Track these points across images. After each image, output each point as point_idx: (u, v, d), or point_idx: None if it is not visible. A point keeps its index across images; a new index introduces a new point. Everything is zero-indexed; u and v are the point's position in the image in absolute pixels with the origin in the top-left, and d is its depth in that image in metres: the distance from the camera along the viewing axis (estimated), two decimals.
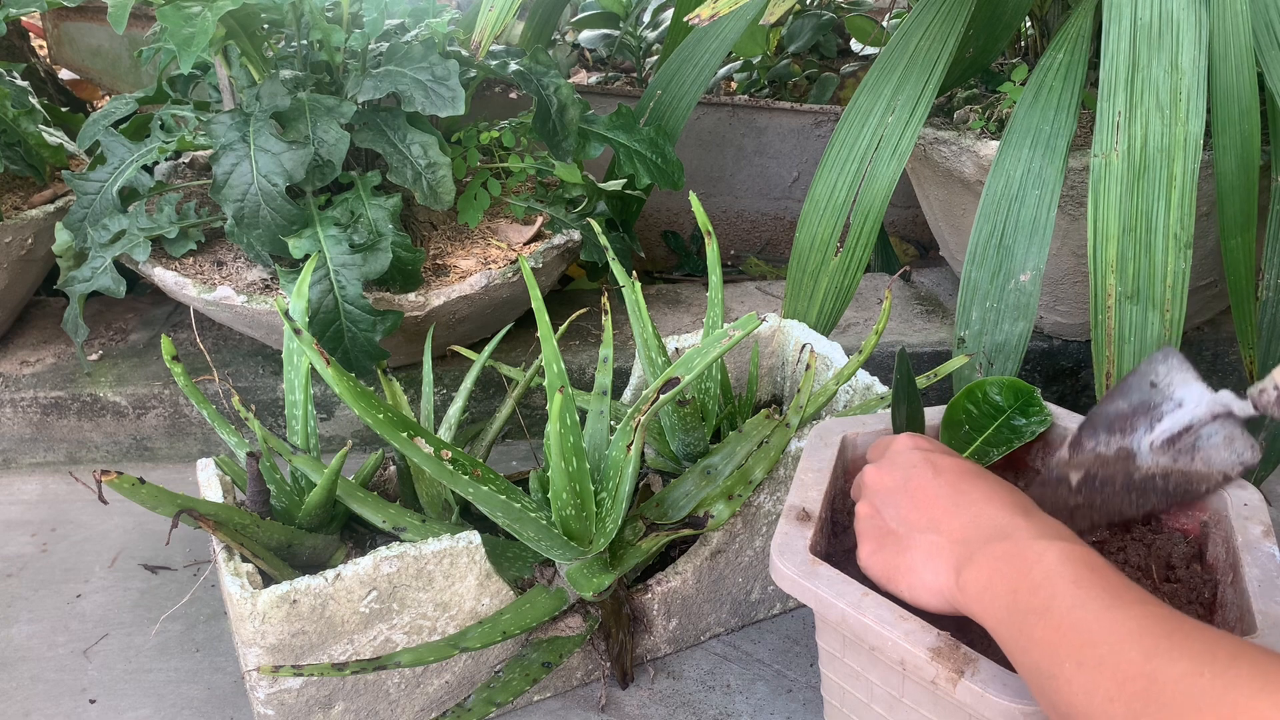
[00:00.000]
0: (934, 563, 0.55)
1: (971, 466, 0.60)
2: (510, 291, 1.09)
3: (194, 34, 0.90)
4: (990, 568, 0.52)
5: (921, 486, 0.59)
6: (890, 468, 0.61)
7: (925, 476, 0.59)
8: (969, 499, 0.56)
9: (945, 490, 0.58)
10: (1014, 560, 0.51)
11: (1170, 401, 0.66)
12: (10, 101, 1.17)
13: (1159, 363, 0.67)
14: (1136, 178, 0.85)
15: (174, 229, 1.07)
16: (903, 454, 0.62)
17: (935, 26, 1.02)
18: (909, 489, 0.59)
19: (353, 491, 0.79)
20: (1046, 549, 0.50)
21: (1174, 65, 0.85)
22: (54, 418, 1.15)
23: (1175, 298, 0.84)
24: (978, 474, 0.59)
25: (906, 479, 0.60)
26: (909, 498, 0.59)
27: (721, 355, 0.69)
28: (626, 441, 0.73)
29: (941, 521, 0.56)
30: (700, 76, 1.24)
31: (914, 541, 0.57)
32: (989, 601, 0.51)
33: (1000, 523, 0.54)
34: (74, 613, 0.93)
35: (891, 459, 0.62)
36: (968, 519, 0.55)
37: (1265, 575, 0.60)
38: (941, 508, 0.57)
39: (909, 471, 0.60)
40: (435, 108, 0.98)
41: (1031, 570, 0.49)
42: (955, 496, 0.57)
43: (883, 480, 0.61)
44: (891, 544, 0.58)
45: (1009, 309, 0.93)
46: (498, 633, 0.74)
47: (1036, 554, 0.50)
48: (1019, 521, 0.54)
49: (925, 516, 0.57)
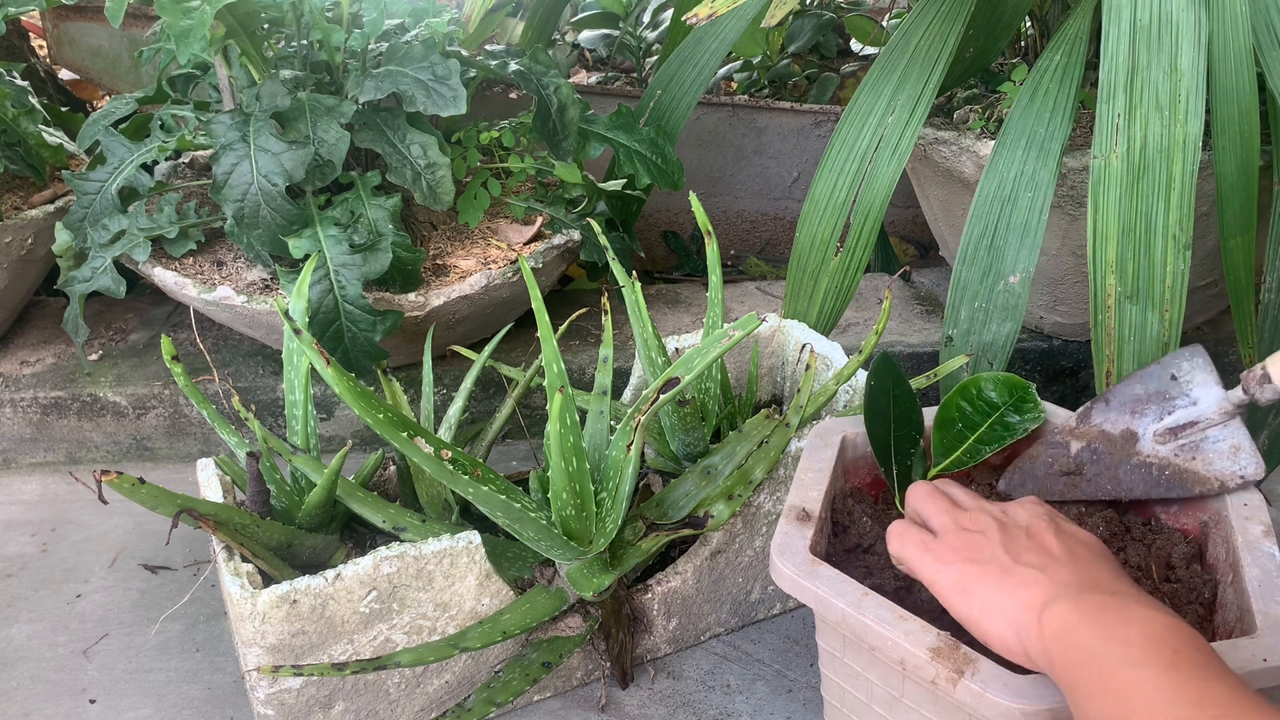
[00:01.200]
0: (1022, 595, 0.54)
1: (1093, 539, 0.59)
2: (510, 291, 1.09)
3: (192, 26, 0.90)
4: (1084, 613, 0.51)
5: (1041, 534, 0.58)
6: (1017, 510, 0.61)
7: (1048, 530, 0.59)
8: (1084, 560, 0.56)
9: (1063, 545, 0.57)
10: (1112, 613, 0.50)
11: (1186, 397, 0.66)
12: (10, 101, 1.17)
13: (1184, 359, 0.68)
14: (1136, 179, 0.85)
15: (174, 229, 1.07)
16: (1031, 505, 0.62)
17: (935, 26, 1.02)
18: (1030, 534, 0.59)
19: (353, 491, 0.79)
20: (1153, 618, 0.49)
21: (1173, 66, 0.85)
22: (54, 418, 1.15)
23: (1174, 298, 0.84)
24: (1099, 547, 0.59)
25: (1030, 524, 0.59)
26: (1028, 540, 0.58)
27: (721, 355, 0.69)
28: (626, 441, 0.73)
29: (1050, 566, 0.55)
30: (700, 76, 1.24)
31: (1013, 572, 0.56)
32: (1071, 641, 0.50)
33: (1108, 584, 0.54)
34: (74, 613, 0.93)
35: (1019, 505, 0.62)
36: (1077, 570, 0.55)
37: (1265, 575, 0.60)
38: (1055, 556, 0.56)
39: (1033, 521, 0.60)
40: (436, 107, 0.98)
41: (1129, 628, 0.49)
42: (1071, 552, 0.57)
43: (1005, 516, 0.61)
44: (988, 564, 0.57)
45: (997, 309, 0.93)
46: (498, 633, 0.74)
47: (1142, 618, 0.49)
48: (1127, 587, 0.53)
49: (1036, 556, 0.56)
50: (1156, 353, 0.85)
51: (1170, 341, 0.84)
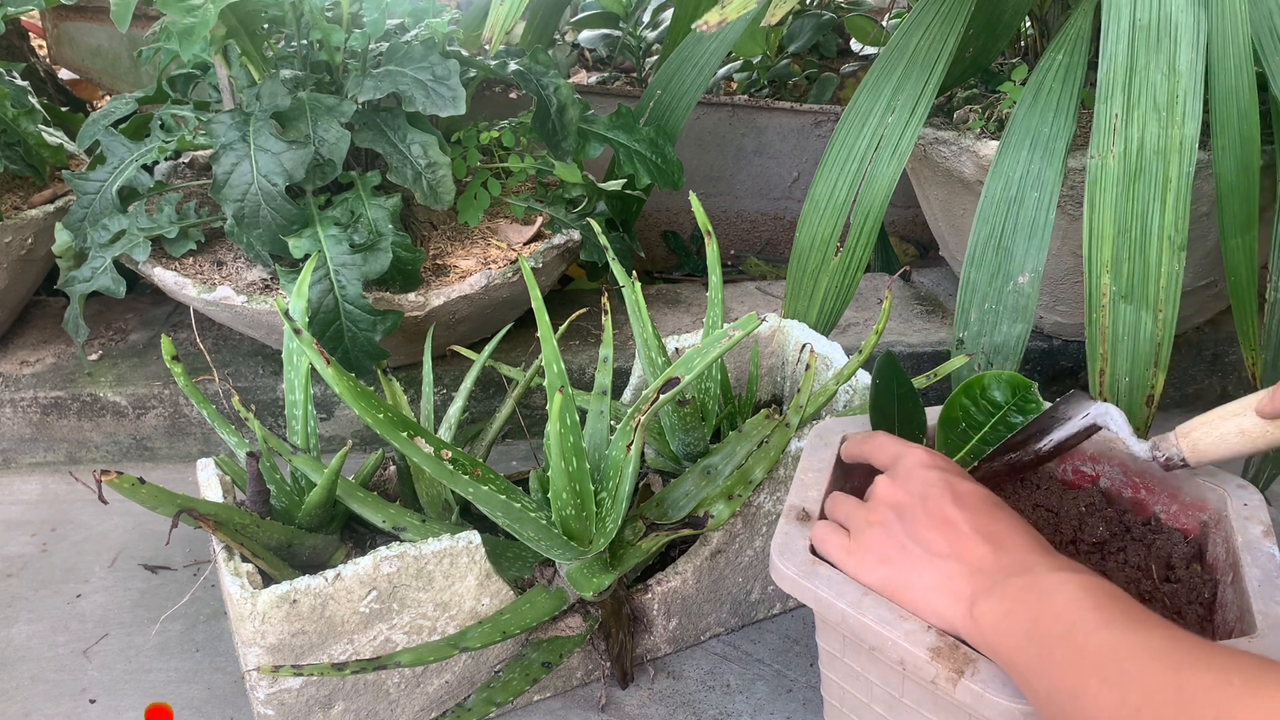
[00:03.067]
0: (947, 589, 0.55)
1: (990, 496, 0.60)
2: (510, 291, 1.09)
3: (195, 24, 0.90)
4: (1011, 599, 0.52)
5: (942, 509, 0.58)
6: (906, 483, 0.61)
7: (944, 500, 0.58)
8: (991, 532, 0.56)
9: (967, 518, 0.57)
10: (1034, 591, 0.51)
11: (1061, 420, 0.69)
12: (10, 101, 1.17)
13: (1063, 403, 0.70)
14: (1132, 179, 0.85)
15: (174, 229, 1.07)
16: (918, 471, 0.61)
17: (935, 26, 1.02)
18: (927, 510, 0.58)
19: (353, 491, 0.79)
20: (1066, 580, 0.51)
21: (1172, 67, 0.85)
22: (54, 418, 1.15)
23: (1169, 298, 0.84)
24: (997, 504, 0.59)
25: (924, 498, 0.59)
26: (929, 518, 0.58)
27: (721, 355, 0.69)
28: (626, 441, 0.73)
29: (962, 549, 0.56)
30: (700, 76, 1.24)
31: (929, 565, 0.57)
32: (1007, 631, 0.51)
33: (1021, 559, 0.54)
34: (74, 613, 0.93)
35: (907, 474, 0.61)
36: (989, 552, 0.55)
37: (1265, 575, 0.60)
38: (963, 535, 0.57)
39: (926, 491, 0.59)
40: (436, 107, 0.98)
41: (1053, 598, 0.50)
42: (977, 526, 0.57)
43: (897, 494, 0.61)
44: (902, 561, 0.58)
45: (1007, 310, 0.93)
46: (498, 633, 0.74)
47: (1056, 584, 0.51)
48: (1039, 557, 0.54)
49: (945, 541, 0.57)
50: (1150, 353, 0.85)
51: (1164, 341, 0.85)
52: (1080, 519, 0.71)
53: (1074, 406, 0.68)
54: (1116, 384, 0.86)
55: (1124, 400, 0.86)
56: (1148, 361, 0.85)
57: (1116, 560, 0.69)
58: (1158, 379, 0.85)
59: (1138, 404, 0.86)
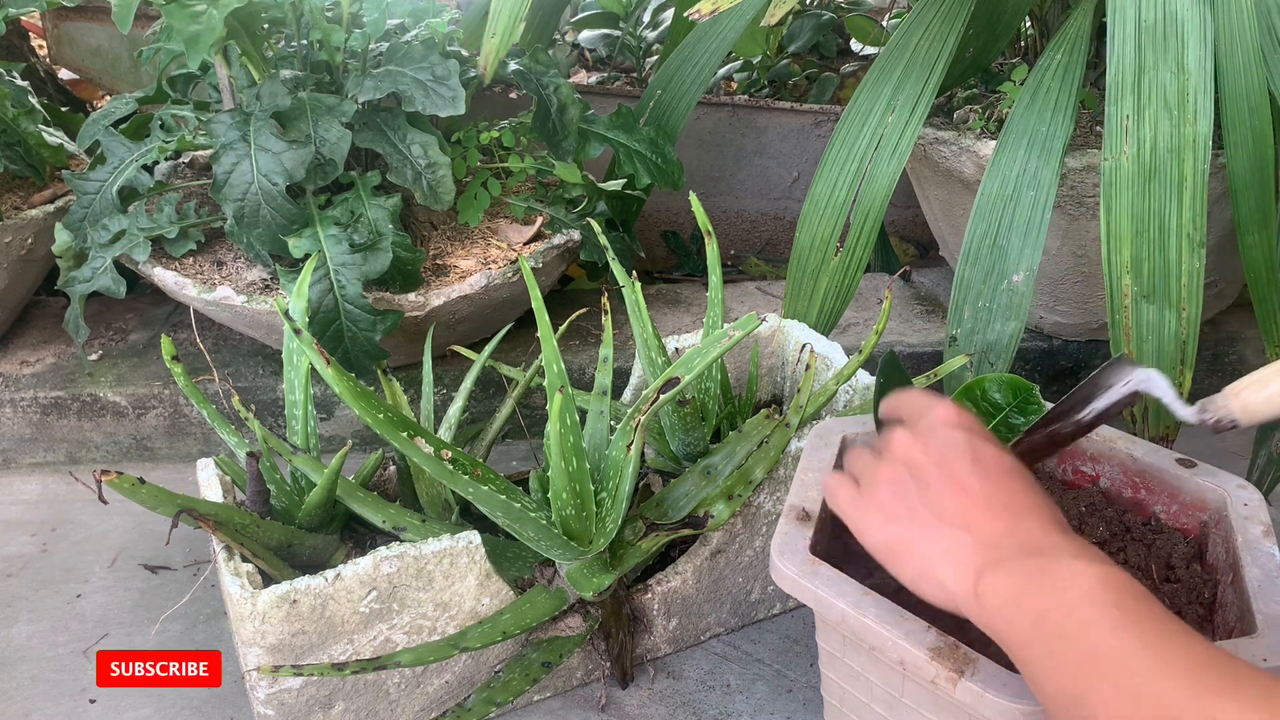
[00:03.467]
0: (954, 559, 0.52)
1: (1013, 465, 0.56)
2: (510, 291, 1.09)
3: (200, 31, 0.90)
4: (1020, 581, 0.48)
5: (959, 473, 0.54)
6: (928, 440, 0.56)
7: (965, 463, 0.54)
8: (1008, 503, 0.53)
9: (984, 486, 0.53)
10: (1047, 578, 0.48)
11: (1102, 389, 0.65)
12: (10, 101, 1.17)
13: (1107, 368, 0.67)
14: (1147, 179, 0.85)
15: (174, 229, 1.07)
16: (942, 430, 0.57)
17: (935, 26, 1.02)
18: (945, 472, 0.54)
19: (353, 491, 0.79)
20: (1085, 570, 0.47)
21: (1180, 66, 0.85)
22: (54, 418, 1.15)
23: (1191, 296, 0.84)
24: (1019, 475, 0.55)
25: (943, 459, 0.55)
26: (945, 481, 0.54)
27: (721, 355, 0.69)
28: (626, 441, 0.73)
29: (974, 519, 0.52)
30: (700, 76, 1.24)
31: (938, 531, 0.53)
32: (1012, 617, 0.48)
33: (1036, 538, 0.50)
34: (74, 613, 0.93)
35: (930, 430, 0.57)
36: (1003, 525, 0.51)
37: (1265, 575, 0.60)
38: (978, 504, 0.53)
39: (946, 451, 0.55)
40: (435, 107, 0.98)
41: (1066, 591, 0.46)
42: (994, 496, 0.53)
43: (916, 452, 0.56)
44: (910, 523, 0.54)
45: (1001, 309, 0.93)
46: (498, 633, 0.74)
47: (1073, 574, 0.47)
48: (1055, 538, 0.50)
49: (957, 508, 0.53)
50: (1175, 351, 0.85)
51: (1189, 339, 0.84)
52: (1080, 519, 0.71)
53: (1116, 373, 0.64)
54: None
55: (1151, 401, 0.86)
56: (1174, 360, 0.85)
57: (1116, 560, 0.69)
58: (1185, 377, 0.85)
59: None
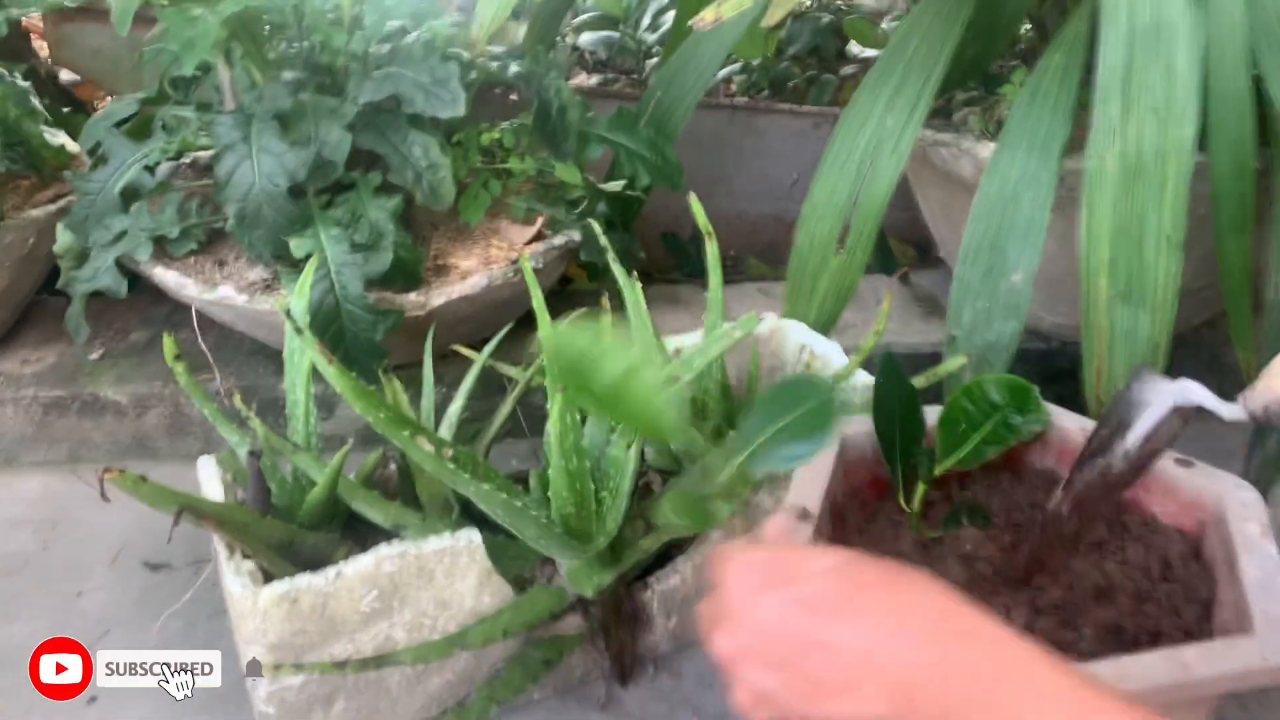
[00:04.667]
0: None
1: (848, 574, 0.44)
2: (511, 291, 1.09)
3: (196, 36, 0.91)
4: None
5: (805, 648, 0.42)
6: (746, 633, 0.44)
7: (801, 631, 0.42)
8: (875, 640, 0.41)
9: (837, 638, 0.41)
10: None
11: (1137, 407, 0.61)
12: (12, 102, 1.18)
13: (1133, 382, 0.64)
14: (1131, 181, 0.85)
15: (176, 229, 1.07)
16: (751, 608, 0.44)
17: (934, 29, 1.02)
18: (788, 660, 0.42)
19: (354, 490, 0.80)
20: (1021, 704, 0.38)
21: (1169, 69, 0.86)
22: (55, 416, 1.15)
23: (1166, 299, 0.84)
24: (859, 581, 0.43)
25: (777, 646, 0.43)
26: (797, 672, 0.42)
27: (721, 355, 0.70)
28: (626, 440, 0.73)
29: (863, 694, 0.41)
30: (700, 78, 1.24)
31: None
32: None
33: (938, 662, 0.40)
34: (75, 610, 0.93)
35: (742, 618, 0.44)
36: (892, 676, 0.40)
37: (1263, 574, 0.61)
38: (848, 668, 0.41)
39: (772, 632, 0.43)
40: (435, 109, 0.99)
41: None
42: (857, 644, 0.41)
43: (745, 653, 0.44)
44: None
45: (1000, 309, 0.93)
46: (498, 631, 0.74)
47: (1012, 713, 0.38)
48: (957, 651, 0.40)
49: (832, 693, 0.41)
50: (1148, 353, 0.85)
51: (1162, 341, 0.85)
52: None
53: (1147, 388, 0.59)
54: (1114, 385, 0.86)
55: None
56: (1146, 362, 0.85)
57: (1115, 559, 0.69)
58: None
59: None
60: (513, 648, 0.80)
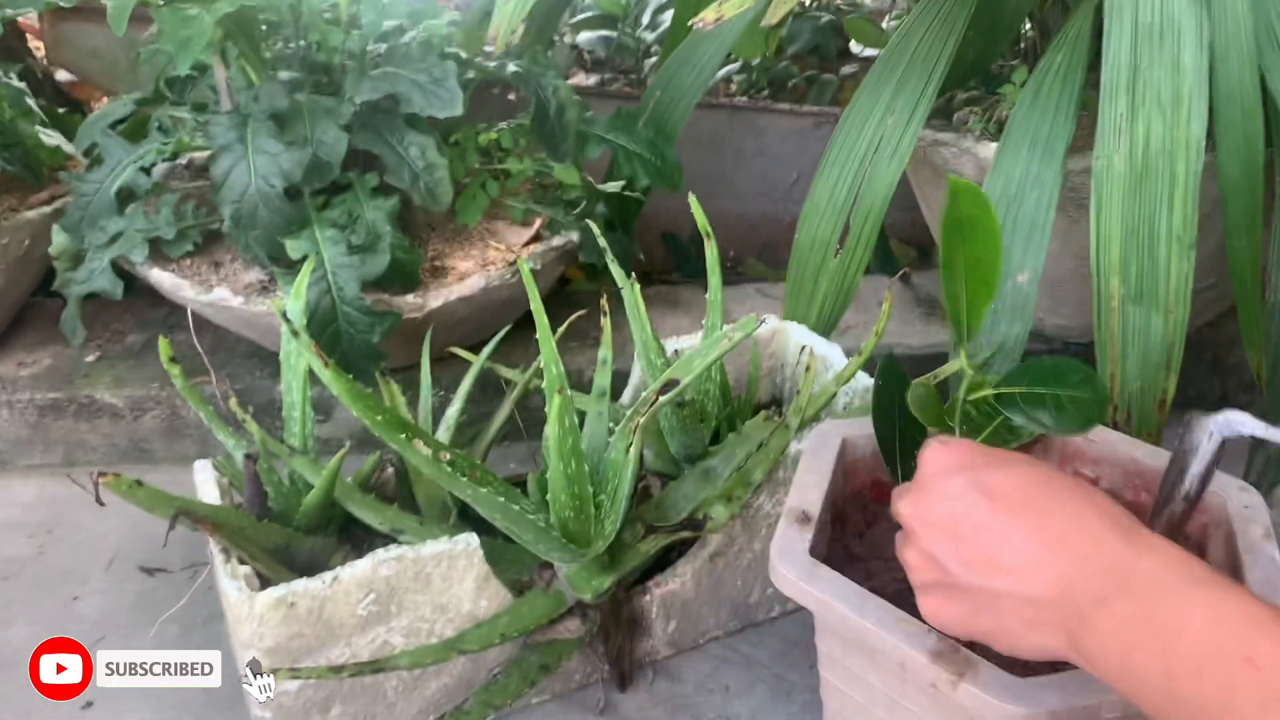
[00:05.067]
0: (1035, 626, 0.45)
1: (1031, 478, 0.48)
2: (509, 293, 1.09)
3: (191, 36, 0.90)
4: (1123, 638, 0.41)
5: (981, 527, 0.47)
6: (930, 501, 0.50)
7: (982, 512, 0.47)
8: (1050, 534, 0.45)
9: (1016, 526, 0.46)
10: (1150, 628, 0.40)
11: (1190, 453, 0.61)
12: (7, 103, 1.17)
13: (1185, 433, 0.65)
14: (1139, 180, 0.85)
15: (171, 230, 1.07)
16: (940, 482, 0.50)
17: (935, 28, 1.02)
18: (962, 533, 0.48)
19: (350, 493, 0.79)
20: (1187, 609, 0.40)
21: (1175, 67, 0.85)
22: (51, 419, 1.14)
23: (1179, 299, 0.84)
24: (1043, 487, 0.47)
25: (956, 521, 0.48)
26: (973, 546, 0.47)
27: (721, 357, 0.69)
28: (625, 443, 0.73)
29: (1029, 576, 0.45)
30: (699, 78, 1.23)
31: (999, 603, 0.46)
32: (1137, 683, 0.41)
33: (1104, 565, 0.43)
34: (71, 615, 0.92)
35: (929, 488, 0.50)
36: (1060, 567, 0.44)
37: (1266, 577, 0.60)
38: (1019, 553, 0.45)
39: (954, 506, 0.48)
40: (432, 109, 0.98)
41: (1180, 643, 0.39)
42: (1033, 534, 0.45)
43: (924, 519, 0.50)
44: (967, 606, 0.48)
45: (1006, 310, 0.93)
46: (496, 635, 0.74)
47: (1177, 619, 0.40)
48: (1127, 558, 0.43)
49: (1003, 571, 0.46)
50: (1161, 355, 0.84)
51: (1175, 343, 0.84)
52: None
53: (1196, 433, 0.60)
54: (1127, 388, 0.86)
55: (1135, 405, 0.86)
56: (1159, 365, 0.85)
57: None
58: (1170, 382, 0.85)
59: (1149, 408, 0.85)
60: (510, 652, 0.79)
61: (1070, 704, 0.51)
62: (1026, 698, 0.52)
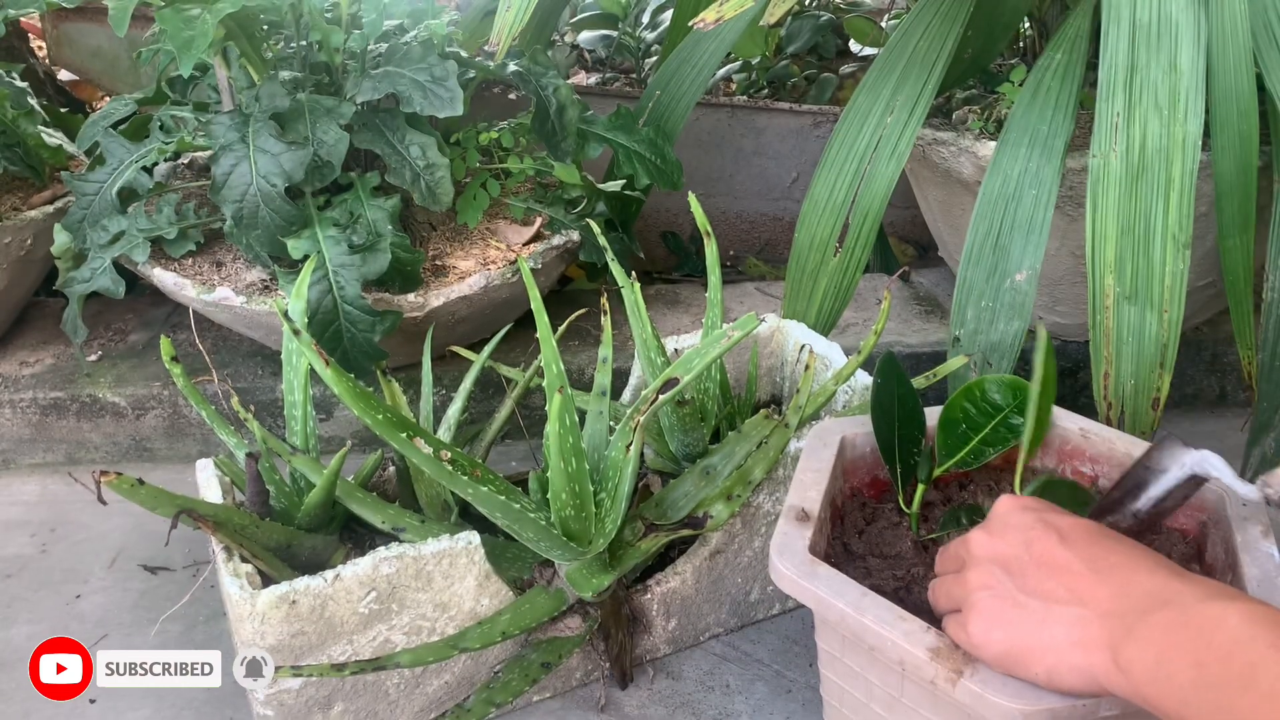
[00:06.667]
0: (1080, 640, 0.49)
1: (1095, 526, 0.55)
2: (509, 292, 1.09)
3: (193, 37, 0.90)
4: (1160, 642, 0.46)
5: (1049, 553, 0.52)
6: (1003, 531, 0.55)
7: (1050, 542, 0.53)
8: (1109, 564, 0.51)
9: (1079, 557, 0.52)
10: (1187, 630, 0.45)
11: (1155, 473, 0.63)
12: (9, 102, 1.17)
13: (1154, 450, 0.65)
14: (1135, 178, 0.85)
15: (173, 230, 1.07)
16: (1013, 516, 0.56)
17: (934, 27, 1.02)
18: (1034, 557, 0.53)
19: (352, 492, 0.79)
20: (1224, 612, 0.45)
21: (1173, 66, 0.85)
22: (53, 418, 1.15)
23: (1174, 298, 0.84)
24: (1105, 534, 0.54)
25: (1028, 545, 0.53)
26: (1037, 567, 0.52)
27: (720, 356, 0.69)
28: (626, 442, 0.73)
29: (1085, 591, 0.50)
30: (699, 77, 1.24)
31: (1051, 618, 0.51)
32: (1166, 680, 0.45)
33: (1154, 588, 0.48)
34: (73, 613, 0.93)
35: (1002, 523, 0.56)
36: (1114, 588, 0.50)
37: (1264, 575, 0.60)
38: (1080, 577, 0.51)
39: (1028, 535, 0.54)
40: (433, 108, 0.98)
41: (1214, 638, 0.44)
42: (1093, 563, 0.51)
43: (998, 547, 0.55)
44: (1021, 621, 0.52)
45: (1004, 308, 0.93)
46: (497, 633, 0.74)
47: (1213, 619, 0.45)
48: (1175, 585, 0.48)
49: (1063, 588, 0.51)
50: (1155, 354, 0.85)
51: (1169, 342, 0.84)
52: None
53: (1167, 455, 0.62)
54: (1121, 387, 0.86)
55: (1129, 403, 0.86)
56: (1153, 363, 0.85)
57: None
58: (1163, 381, 0.85)
59: (1143, 407, 0.86)
60: (511, 650, 0.80)
61: (1069, 701, 0.51)
62: (1025, 695, 0.52)
